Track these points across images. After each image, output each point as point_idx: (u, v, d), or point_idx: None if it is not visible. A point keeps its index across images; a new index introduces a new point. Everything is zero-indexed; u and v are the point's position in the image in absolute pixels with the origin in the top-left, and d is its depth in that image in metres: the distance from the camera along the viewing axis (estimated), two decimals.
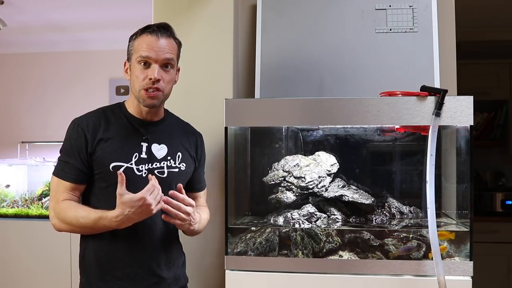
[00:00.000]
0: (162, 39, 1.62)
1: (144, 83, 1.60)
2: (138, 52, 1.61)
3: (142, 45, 1.60)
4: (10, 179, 4.15)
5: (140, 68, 1.61)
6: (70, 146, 1.67)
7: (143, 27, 1.66)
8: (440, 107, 1.70)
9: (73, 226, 1.59)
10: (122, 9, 3.49)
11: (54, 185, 1.64)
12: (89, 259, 1.64)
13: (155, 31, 1.62)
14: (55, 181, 1.64)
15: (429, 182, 1.66)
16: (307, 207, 1.93)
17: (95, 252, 1.63)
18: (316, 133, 2.11)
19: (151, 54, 1.60)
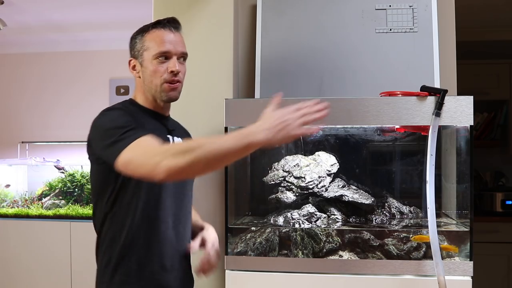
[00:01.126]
0: (176, 32, 1.61)
1: (166, 76, 1.57)
2: (155, 47, 1.57)
3: (157, 40, 1.57)
4: (10, 179, 4.15)
5: (157, 63, 1.57)
6: (126, 121, 1.46)
7: (152, 23, 1.62)
8: (440, 107, 1.70)
9: (195, 153, 1.28)
10: (122, 9, 3.49)
11: (133, 147, 1.38)
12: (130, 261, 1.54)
13: (167, 25, 1.60)
14: (134, 145, 1.38)
15: (429, 182, 1.66)
16: (307, 207, 1.93)
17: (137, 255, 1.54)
18: (316, 133, 2.11)
19: (170, 48, 1.57)
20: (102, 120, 1.51)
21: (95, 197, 1.59)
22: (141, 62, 1.60)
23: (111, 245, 1.55)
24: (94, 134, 1.53)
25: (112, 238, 1.55)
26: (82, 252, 3.61)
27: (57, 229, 3.69)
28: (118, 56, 4.25)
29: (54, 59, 4.38)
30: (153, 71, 1.57)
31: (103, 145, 1.45)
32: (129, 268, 1.53)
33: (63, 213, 3.73)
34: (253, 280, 1.82)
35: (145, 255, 1.54)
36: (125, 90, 4.28)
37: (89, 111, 4.28)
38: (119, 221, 1.54)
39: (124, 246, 1.53)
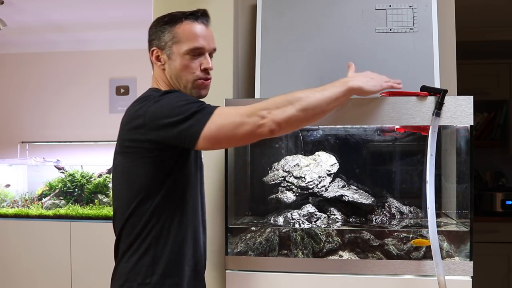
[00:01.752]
0: (208, 26, 1.53)
1: (199, 74, 1.51)
2: (188, 42, 1.48)
3: (192, 34, 1.49)
4: (10, 179, 4.15)
5: (189, 58, 1.49)
6: (184, 97, 1.42)
7: (184, 14, 1.51)
8: (440, 107, 1.70)
9: (300, 102, 1.35)
10: (122, 9, 3.49)
11: (219, 113, 1.35)
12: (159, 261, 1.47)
13: (200, 18, 1.51)
14: (218, 111, 1.36)
15: (429, 182, 1.66)
16: (307, 207, 1.93)
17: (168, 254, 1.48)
18: (316, 133, 2.11)
19: (204, 44, 1.50)
20: (165, 101, 1.39)
21: (138, 194, 1.46)
22: (169, 55, 1.51)
23: (157, 242, 1.46)
24: (152, 119, 1.38)
25: (159, 235, 1.46)
26: (82, 252, 3.61)
27: (57, 229, 3.69)
28: (118, 56, 4.28)
29: (54, 59, 4.38)
30: (184, 66, 1.50)
31: (176, 122, 1.35)
32: (180, 266, 1.48)
33: (63, 213, 3.73)
34: (253, 280, 1.82)
35: (191, 252, 1.52)
36: (125, 90, 4.28)
37: (89, 111, 4.33)
38: (168, 218, 1.46)
39: (175, 243, 1.47)
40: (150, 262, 1.45)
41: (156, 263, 1.45)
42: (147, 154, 1.42)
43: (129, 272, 1.46)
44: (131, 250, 1.47)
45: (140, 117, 1.40)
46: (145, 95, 1.48)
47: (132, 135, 1.43)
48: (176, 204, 1.47)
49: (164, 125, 1.37)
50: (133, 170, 1.46)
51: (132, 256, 1.46)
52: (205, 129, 1.33)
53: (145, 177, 1.45)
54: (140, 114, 1.41)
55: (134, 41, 4.02)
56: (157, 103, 1.39)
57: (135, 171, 1.46)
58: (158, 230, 1.45)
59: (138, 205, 1.46)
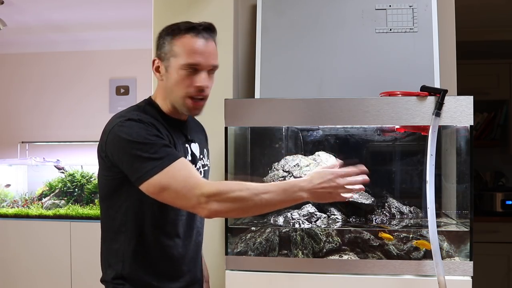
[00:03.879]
0: (209, 42, 1.47)
1: (191, 91, 1.46)
2: (184, 57, 1.43)
3: (189, 49, 1.44)
4: (10, 179, 4.15)
5: (184, 74, 1.44)
6: (146, 135, 1.38)
7: (186, 26, 1.46)
8: (440, 107, 1.70)
9: (241, 204, 1.36)
10: (122, 9, 3.49)
11: (170, 175, 1.34)
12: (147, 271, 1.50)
13: (201, 32, 1.46)
14: (170, 172, 1.34)
15: (429, 182, 1.66)
16: (307, 207, 1.93)
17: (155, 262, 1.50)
18: (316, 133, 2.11)
19: (200, 61, 1.45)
20: (125, 131, 1.39)
21: (104, 202, 1.53)
22: (166, 67, 1.47)
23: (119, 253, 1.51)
24: (114, 145, 1.40)
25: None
26: (82, 252, 3.61)
27: (57, 229, 3.69)
28: (118, 56, 4.28)
29: (54, 59, 4.38)
30: (178, 82, 1.45)
31: (127, 159, 1.37)
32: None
33: (63, 213, 3.73)
34: (253, 280, 1.82)
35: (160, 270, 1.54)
36: (125, 90, 4.28)
37: (89, 111, 4.33)
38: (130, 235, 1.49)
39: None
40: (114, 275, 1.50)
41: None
42: (107, 168, 1.46)
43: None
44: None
45: (105, 133, 1.43)
46: (126, 111, 1.49)
47: (100, 147, 1.47)
48: (139, 219, 1.48)
49: (119, 153, 1.40)
50: (99, 180, 1.52)
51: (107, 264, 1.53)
52: (150, 180, 1.35)
53: (105, 189, 1.50)
54: (106, 130, 1.44)
55: (134, 41, 4.02)
56: (120, 127, 1.40)
57: (100, 181, 1.52)
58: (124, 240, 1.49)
59: (104, 214, 1.53)
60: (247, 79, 2.21)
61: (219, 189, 1.35)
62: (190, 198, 1.34)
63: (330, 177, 1.39)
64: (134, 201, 1.45)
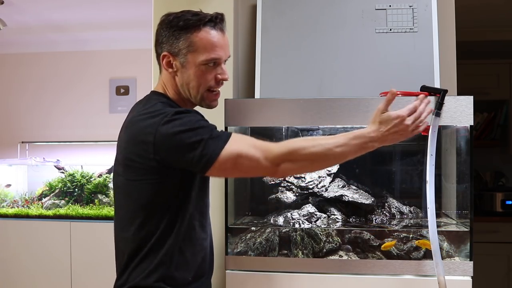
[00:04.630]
0: (224, 33, 1.44)
1: (212, 85, 1.44)
2: (205, 53, 1.40)
3: (209, 44, 1.40)
4: (10, 179, 4.15)
5: (205, 68, 1.42)
6: (197, 120, 1.36)
7: (202, 20, 1.41)
8: (440, 107, 1.70)
9: (316, 162, 1.35)
10: (122, 9, 3.49)
11: (238, 144, 1.32)
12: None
13: (218, 24, 1.43)
14: (236, 141, 1.33)
15: (429, 182, 1.66)
16: (307, 207, 1.94)
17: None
18: (316, 133, 2.11)
19: (222, 54, 1.43)
20: (176, 123, 1.33)
21: (139, 211, 1.41)
22: (183, 63, 1.43)
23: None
24: (167, 141, 1.32)
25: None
26: (82, 252, 3.61)
27: (57, 229, 3.69)
28: (118, 56, 4.28)
29: (54, 59, 4.38)
30: (199, 77, 1.43)
31: (186, 149, 1.31)
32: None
33: (63, 213, 3.73)
34: (253, 280, 1.82)
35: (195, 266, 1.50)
36: (125, 90, 4.28)
37: (89, 111, 4.32)
38: (171, 237, 1.42)
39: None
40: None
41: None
42: (151, 172, 1.38)
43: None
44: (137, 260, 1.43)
45: (150, 135, 1.34)
46: (156, 109, 1.39)
47: (138, 150, 1.37)
48: (180, 222, 1.42)
49: (176, 149, 1.32)
50: (136, 186, 1.42)
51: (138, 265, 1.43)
52: (221, 156, 1.31)
53: (146, 195, 1.41)
54: (149, 132, 1.34)
55: (134, 41, 4.02)
56: (169, 123, 1.33)
57: (137, 188, 1.41)
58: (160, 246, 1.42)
59: (144, 222, 1.42)
60: (247, 79, 2.21)
61: (290, 148, 1.33)
62: (264, 162, 1.32)
63: (396, 122, 1.40)
64: (181, 200, 1.41)
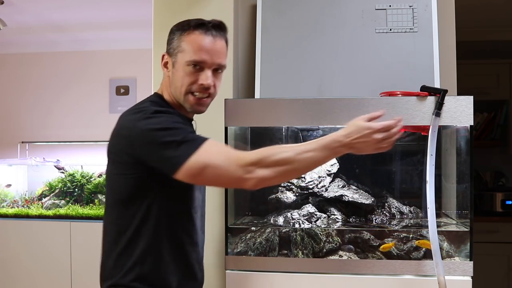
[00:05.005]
0: (217, 40, 1.45)
1: (193, 88, 1.44)
2: (190, 53, 1.42)
3: (195, 45, 1.42)
4: (10, 179, 4.15)
5: (189, 70, 1.43)
6: (174, 122, 1.36)
7: (195, 22, 1.45)
8: (440, 107, 1.70)
9: (288, 166, 1.31)
10: (122, 9, 3.49)
11: (208, 152, 1.30)
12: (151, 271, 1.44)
13: (210, 30, 1.44)
14: (206, 149, 1.30)
15: (429, 182, 1.66)
16: (307, 207, 1.93)
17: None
18: (316, 133, 2.11)
19: (206, 58, 1.42)
20: (153, 121, 1.35)
21: (119, 205, 1.44)
22: (174, 63, 1.46)
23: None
24: (142, 138, 1.35)
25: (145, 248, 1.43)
26: (82, 252, 3.61)
27: (57, 229, 3.69)
28: (118, 56, 4.28)
29: (54, 59, 4.38)
30: (182, 78, 1.44)
31: (157, 149, 1.32)
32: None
33: (63, 213, 3.73)
34: (253, 280, 1.82)
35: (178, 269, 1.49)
36: (125, 90, 4.28)
37: (89, 111, 4.32)
38: (151, 233, 1.42)
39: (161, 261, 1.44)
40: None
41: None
42: (128, 167, 1.40)
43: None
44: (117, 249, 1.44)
45: (127, 129, 1.38)
46: (141, 106, 1.44)
47: (118, 145, 1.41)
48: (160, 220, 1.43)
49: (149, 146, 1.34)
50: (115, 180, 1.46)
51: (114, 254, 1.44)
52: (188, 162, 1.29)
53: (122, 190, 1.43)
54: (128, 127, 1.38)
55: (134, 41, 4.02)
56: (146, 120, 1.35)
57: (116, 182, 1.45)
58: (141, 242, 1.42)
59: (120, 216, 1.44)
60: (247, 79, 2.21)
61: (261, 155, 1.31)
62: (234, 171, 1.29)
63: (366, 132, 1.38)
64: (157, 198, 1.41)
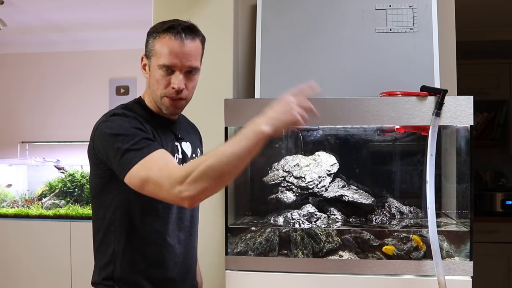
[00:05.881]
0: (188, 42, 1.44)
1: (167, 91, 1.46)
2: (160, 57, 1.43)
3: (165, 50, 1.43)
4: (10, 179, 4.15)
5: (161, 73, 1.45)
6: (129, 127, 1.39)
7: (166, 25, 1.45)
8: (440, 107, 1.70)
9: (216, 172, 1.25)
10: (122, 9, 3.49)
11: (148, 165, 1.31)
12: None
13: (180, 33, 1.43)
14: (148, 162, 1.31)
15: (429, 182, 1.66)
16: (307, 207, 1.93)
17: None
18: (316, 133, 2.11)
19: (175, 62, 1.43)
20: (109, 125, 1.41)
21: (94, 203, 1.54)
22: (149, 66, 1.49)
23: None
24: (99, 140, 1.42)
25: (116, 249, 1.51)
26: (82, 252, 3.61)
27: (57, 229, 3.69)
28: (118, 56, 4.28)
29: (54, 59, 4.38)
30: (156, 81, 1.46)
31: (111, 153, 1.37)
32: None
33: (63, 213, 3.74)
34: (253, 280, 1.82)
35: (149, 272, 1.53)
36: (125, 90, 4.28)
37: (89, 111, 4.33)
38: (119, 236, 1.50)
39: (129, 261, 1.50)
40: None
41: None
42: (95, 168, 1.48)
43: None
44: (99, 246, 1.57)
45: (93, 131, 1.46)
46: (111, 109, 1.50)
47: (89, 145, 1.49)
48: (128, 221, 1.47)
49: (104, 149, 1.40)
50: (91, 180, 1.54)
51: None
52: (130, 172, 1.33)
53: (93, 189, 1.52)
54: (94, 128, 1.46)
55: (134, 41, 4.01)
56: (105, 123, 1.42)
57: (91, 182, 1.53)
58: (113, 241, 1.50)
59: (95, 216, 1.55)
60: (247, 79, 2.21)
61: (187, 169, 1.27)
62: (168, 188, 1.27)
63: (281, 101, 1.34)
64: (122, 199, 1.45)
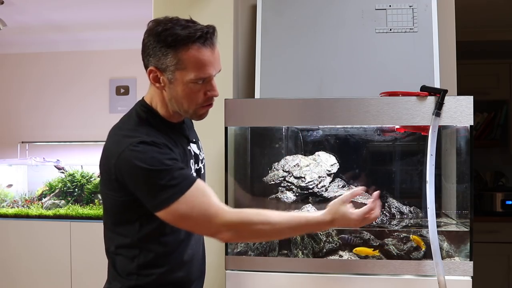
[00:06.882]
0: (215, 48, 1.39)
1: (202, 101, 1.42)
2: (195, 72, 1.35)
3: (198, 63, 1.35)
4: (10, 179, 4.15)
5: (196, 87, 1.38)
6: (163, 160, 1.32)
7: (190, 37, 1.34)
8: (440, 107, 1.70)
9: (261, 238, 1.43)
10: (122, 9, 3.49)
11: (189, 204, 1.30)
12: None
13: (209, 41, 1.37)
14: (189, 200, 1.30)
15: (429, 182, 1.66)
16: (307, 207, 1.93)
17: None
18: (316, 133, 2.11)
19: (212, 71, 1.38)
20: (139, 157, 1.30)
21: (113, 222, 1.45)
22: (171, 79, 1.37)
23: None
24: (128, 171, 1.32)
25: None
26: (82, 252, 3.61)
27: (57, 229, 3.69)
28: (118, 56, 4.28)
29: (54, 59, 4.38)
30: (187, 94, 1.39)
31: (144, 188, 1.31)
32: None
33: (63, 213, 3.73)
34: (253, 280, 1.82)
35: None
36: (125, 90, 4.28)
37: (89, 111, 4.33)
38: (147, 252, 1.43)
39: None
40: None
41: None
42: (114, 188, 1.38)
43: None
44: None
45: (113, 157, 1.34)
46: (128, 128, 1.40)
47: (105, 167, 1.40)
48: (153, 232, 1.42)
49: (131, 179, 1.33)
50: (105, 198, 1.45)
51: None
52: (167, 209, 1.30)
53: (116, 208, 1.43)
54: (114, 153, 1.34)
55: (134, 41, 4.00)
56: (132, 152, 1.31)
57: (106, 199, 1.44)
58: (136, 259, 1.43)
59: (119, 229, 1.44)
60: (247, 79, 2.21)
61: (241, 219, 1.34)
62: (210, 227, 1.32)
63: (353, 224, 1.45)
64: (149, 216, 1.38)
